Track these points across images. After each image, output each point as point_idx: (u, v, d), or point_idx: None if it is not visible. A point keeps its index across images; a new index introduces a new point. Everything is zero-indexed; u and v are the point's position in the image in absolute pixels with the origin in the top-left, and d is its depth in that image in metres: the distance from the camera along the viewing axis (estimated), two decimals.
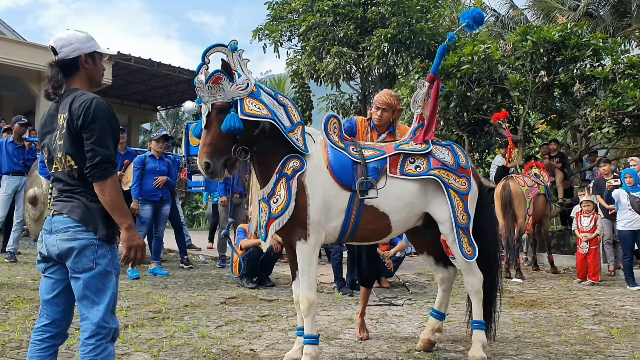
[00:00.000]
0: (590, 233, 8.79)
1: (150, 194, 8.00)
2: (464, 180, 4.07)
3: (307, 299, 3.77)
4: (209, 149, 3.63)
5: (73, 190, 2.66)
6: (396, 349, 4.52)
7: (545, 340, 4.92)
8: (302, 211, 3.73)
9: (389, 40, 12.27)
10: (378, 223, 3.94)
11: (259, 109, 3.67)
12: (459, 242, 3.98)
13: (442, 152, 4.12)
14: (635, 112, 10.40)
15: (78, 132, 2.57)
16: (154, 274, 7.92)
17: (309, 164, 3.83)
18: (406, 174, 3.97)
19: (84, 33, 2.81)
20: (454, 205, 3.96)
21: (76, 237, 2.57)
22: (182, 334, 4.77)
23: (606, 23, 21.08)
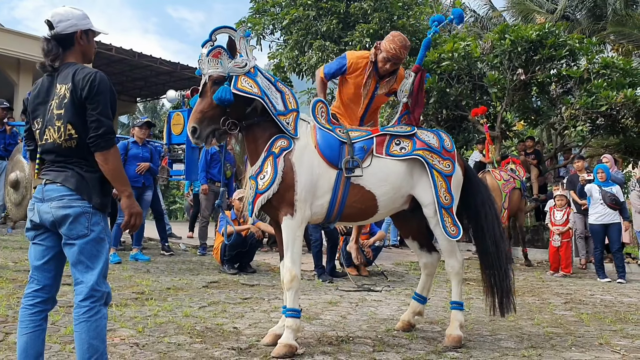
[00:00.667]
0: (563, 226, 9.03)
1: (132, 180, 8.01)
2: (448, 162, 4.22)
3: (290, 273, 3.89)
4: (199, 116, 3.83)
5: (66, 160, 2.74)
6: (375, 329, 4.66)
7: (519, 323, 5.10)
8: (290, 188, 3.87)
9: (371, 36, 12.42)
10: (365, 202, 4.09)
11: (250, 87, 3.86)
12: (442, 221, 4.12)
13: (428, 136, 4.29)
14: (609, 112, 10.70)
15: (82, 102, 2.67)
16: (136, 260, 7.97)
17: (298, 144, 3.98)
18: (391, 154, 4.12)
19: (80, 10, 2.90)
20: (436, 185, 4.11)
21: (71, 205, 2.67)
22: (166, 313, 4.86)
23: (582, 26, 21.52)
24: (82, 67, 2.75)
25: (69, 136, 2.70)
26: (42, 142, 2.80)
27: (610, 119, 11.14)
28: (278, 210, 3.94)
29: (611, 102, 10.48)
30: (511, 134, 14.08)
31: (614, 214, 8.42)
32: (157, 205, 9.23)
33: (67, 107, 2.69)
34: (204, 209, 9.29)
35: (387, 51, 4.44)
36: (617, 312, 5.79)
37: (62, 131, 2.70)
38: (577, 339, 4.53)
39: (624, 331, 4.86)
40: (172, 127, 9.29)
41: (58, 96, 2.73)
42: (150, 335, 4.14)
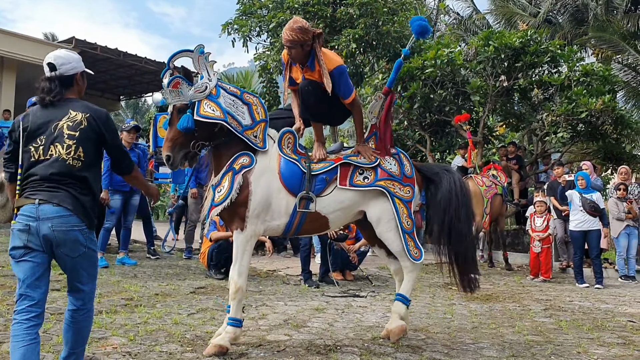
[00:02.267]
0: (543, 232, 9.23)
1: (120, 184, 8.06)
2: (409, 188, 4.44)
3: (235, 285, 4.17)
4: (170, 144, 4.10)
5: (61, 181, 2.97)
6: (362, 337, 4.77)
7: (500, 330, 5.26)
8: (242, 204, 4.11)
9: (356, 41, 12.55)
10: (318, 222, 4.35)
11: (213, 111, 4.04)
12: (406, 246, 4.37)
13: (390, 163, 4.46)
14: (588, 118, 10.95)
15: (99, 133, 3.10)
16: (122, 264, 8.01)
17: (260, 163, 4.20)
18: (355, 185, 4.32)
19: (76, 54, 3.28)
20: (399, 212, 4.34)
21: (72, 228, 2.95)
22: (155, 320, 4.93)
23: (564, 30, 21.87)
24: (90, 104, 3.19)
25: (77, 156, 3.01)
26: (44, 157, 2.99)
27: (590, 125, 11.42)
28: (230, 223, 4.20)
29: (591, 108, 10.74)
30: (493, 138, 14.31)
31: (594, 220, 8.63)
32: (145, 208, 9.27)
33: (83, 132, 3.04)
34: (191, 212, 9.35)
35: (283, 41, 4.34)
36: (595, 319, 5.97)
37: (72, 149, 3.00)
38: (556, 347, 4.68)
39: (600, 339, 5.03)
40: (157, 130, 9.35)
41: (72, 120, 3.06)
42: (141, 343, 4.21)
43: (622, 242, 9.41)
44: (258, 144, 4.19)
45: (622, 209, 9.37)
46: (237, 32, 14.40)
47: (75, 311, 3.10)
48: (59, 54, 3.18)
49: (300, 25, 4.15)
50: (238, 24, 14.38)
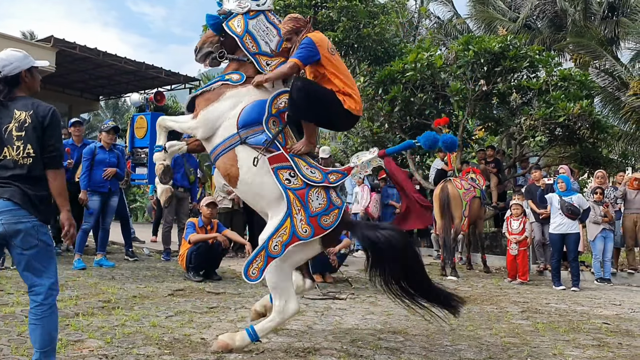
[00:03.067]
0: (519, 235, 9.31)
1: (98, 185, 7.99)
2: (307, 227, 4.13)
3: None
4: (204, 39, 4.60)
5: (11, 177, 3.12)
6: (340, 339, 4.78)
7: (478, 333, 5.30)
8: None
9: (337, 44, 12.57)
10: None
11: (237, 26, 4.41)
12: (250, 260, 4.13)
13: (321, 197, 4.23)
14: (566, 123, 11.10)
15: (43, 129, 3.17)
16: (100, 265, 7.93)
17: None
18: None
19: (21, 52, 3.34)
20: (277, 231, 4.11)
21: (22, 220, 3.09)
22: (133, 323, 4.88)
23: (543, 35, 22.17)
24: (39, 101, 3.26)
25: (27, 154, 3.14)
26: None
27: (567, 129, 11.56)
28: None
29: (568, 113, 10.88)
30: (472, 142, 14.43)
31: (572, 223, 8.73)
32: (123, 210, 9.20)
33: (28, 130, 3.15)
34: (166, 214, 9.29)
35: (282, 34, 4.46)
36: (571, 321, 6.05)
37: (20, 149, 3.14)
38: (533, 349, 4.74)
39: (576, 341, 5.10)
40: (135, 130, 9.27)
41: (17, 120, 3.17)
42: (118, 346, 4.17)
43: (598, 245, 9.54)
44: (263, 69, 4.40)
45: (599, 212, 9.51)
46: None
47: (36, 307, 3.15)
48: (1, 56, 3.25)
49: (292, 16, 4.40)
50: None
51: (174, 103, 21.97)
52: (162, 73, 18.08)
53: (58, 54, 15.20)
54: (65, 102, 20.39)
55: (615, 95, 18.58)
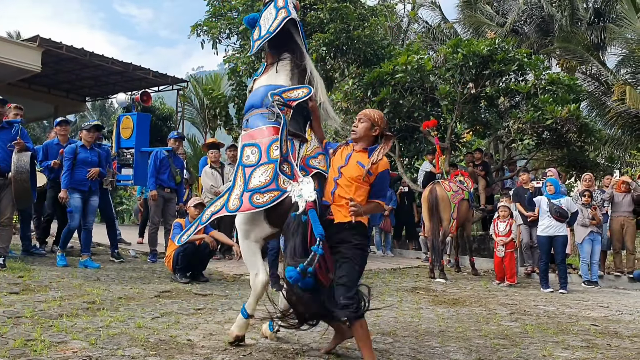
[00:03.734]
0: (506, 237, 9.32)
1: (79, 183, 7.90)
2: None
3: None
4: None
5: None
6: (328, 341, 4.70)
7: (467, 334, 5.27)
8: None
9: (327, 45, 12.53)
10: None
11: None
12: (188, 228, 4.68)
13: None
14: (554, 126, 11.14)
15: None
16: (85, 267, 7.82)
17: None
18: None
19: None
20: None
21: None
22: (118, 324, 4.80)
23: (530, 40, 22.31)
24: None
25: None
26: None
27: (555, 133, 11.61)
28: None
29: (556, 116, 10.92)
30: (460, 144, 14.46)
31: (560, 226, 8.74)
32: (109, 211, 9.09)
33: None
34: (152, 215, 9.19)
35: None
36: (559, 323, 6.04)
37: None
38: (522, 350, 4.72)
39: (565, 342, 5.09)
40: (121, 130, 9.18)
41: None
42: (103, 347, 4.08)
43: (586, 248, 9.58)
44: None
45: (587, 215, 9.54)
46: (207, 33, 14.25)
47: None
48: None
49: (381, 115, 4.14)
50: (207, 26, 14.22)
51: (162, 104, 21.80)
52: (150, 74, 17.97)
53: (44, 53, 15.05)
54: (51, 102, 20.20)
55: (601, 100, 18.72)
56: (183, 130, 19.76)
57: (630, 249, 10.20)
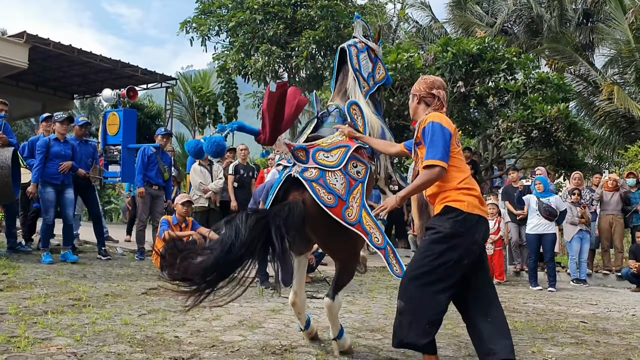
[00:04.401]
0: (495, 235, 9.34)
1: (52, 177, 7.84)
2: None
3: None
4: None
5: None
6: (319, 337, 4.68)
7: (456, 331, 5.25)
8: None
9: (317, 43, 12.51)
10: None
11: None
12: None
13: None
14: (543, 125, 11.17)
15: None
16: (65, 260, 7.82)
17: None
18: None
19: None
20: None
21: None
22: (104, 321, 4.73)
23: (520, 41, 22.42)
24: None
25: None
26: None
27: (544, 132, 11.65)
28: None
29: (545, 115, 10.96)
30: None
31: (549, 224, 8.77)
32: (95, 208, 9.00)
33: None
34: (140, 212, 9.11)
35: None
36: (548, 320, 6.04)
37: None
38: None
39: (554, 339, 5.08)
40: (107, 127, 9.09)
41: None
42: (88, 344, 4.02)
43: (574, 246, 9.61)
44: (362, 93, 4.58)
45: (576, 213, 9.57)
46: (196, 30, 14.21)
47: None
48: None
49: (427, 78, 3.92)
50: (197, 23, 14.19)
51: (150, 102, 21.68)
52: (139, 72, 17.85)
53: (31, 50, 14.90)
54: (38, 100, 20.03)
55: (589, 100, 18.85)
56: (172, 128, 19.65)
57: (618, 247, 10.26)
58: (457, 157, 3.54)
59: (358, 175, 3.95)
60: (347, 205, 3.79)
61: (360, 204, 3.86)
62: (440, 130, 3.45)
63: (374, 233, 3.87)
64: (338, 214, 3.72)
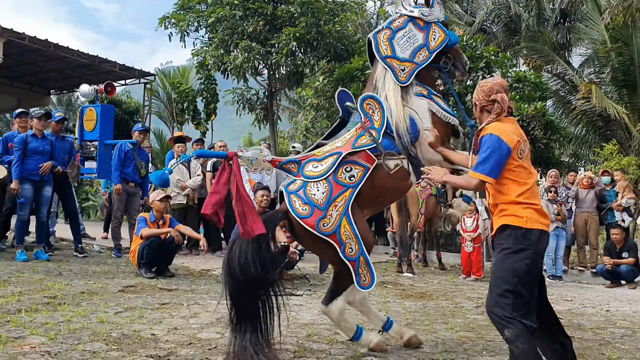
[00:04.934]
0: (474, 232, 9.42)
1: (30, 173, 7.75)
2: None
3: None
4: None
5: None
6: (296, 334, 4.69)
7: (434, 327, 5.29)
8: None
9: (297, 39, 12.48)
10: None
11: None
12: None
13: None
14: (520, 123, 11.26)
15: None
16: (37, 258, 7.72)
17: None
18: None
19: None
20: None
21: None
22: (80, 319, 4.68)
23: (498, 40, 22.60)
24: None
25: None
26: None
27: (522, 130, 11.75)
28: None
29: (523, 114, 11.06)
30: None
31: None
32: (72, 205, 8.90)
33: None
34: (116, 209, 9.03)
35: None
36: None
37: None
38: (488, 343, 4.75)
39: None
40: (84, 123, 8.99)
41: None
42: (63, 342, 3.97)
43: (550, 243, 9.69)
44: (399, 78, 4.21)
45: (552, 210, 9.68)
46: (175, 26, 14.07)
47: None
48: None
49: (486, 85, 3.52)
50: (175, 18, 14.05)
51: (129, 98, 21.45)
52: (117, 67, 17.64)
53: (6, 44, 14.63)
54: (13, 95, 19.69)
55: (566, 99, 19.08)
56: (150, 124, 19.48)
57: (593, 244, 10.40)
58: (516, 170, 3.32)
59: (350, 180, 3.95)
60: (324, 215, 3.82)
61: (342, 212, 3.87)
62: (497, 143, 3.25)
63: (350, 243, 3.88)
64: (311, 224, 3.81)
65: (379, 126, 4.11)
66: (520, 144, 3.33)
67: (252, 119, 15.70)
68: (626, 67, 16.44)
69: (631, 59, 16.15)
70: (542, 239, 3.30)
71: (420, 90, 4.31)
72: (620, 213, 10.15)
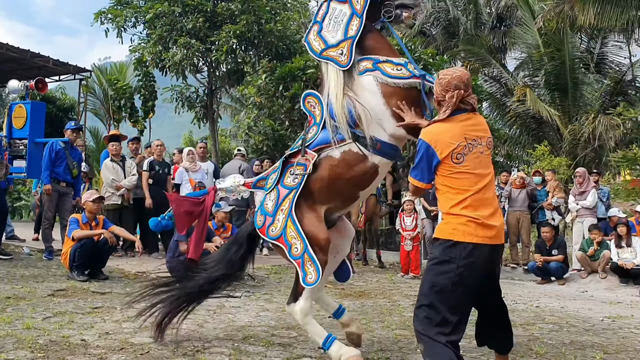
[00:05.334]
0: (413, 231, 9.58)
1: None
2: None
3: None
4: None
5: None
6: (233, 337, 4.64)
7: (371, 326, 5.35)
8: None
9: (237, 37, 12.37)
10: None
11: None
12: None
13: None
14: None
15: None
16: None
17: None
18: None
19: None
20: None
21: None
22: (4, 326, 4.48)
23: (437, 42, 23.07)
24: None
25: None
26: None
27: None
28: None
29: None
30: None
31: None
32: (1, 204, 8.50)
33: None
34: (46, 210, 8.71)
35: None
36: None
37: None
38: None
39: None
40: (13, 120, 8.64)
41: None
42: None
43: None
44: (341, 63, 3.93)
45: None
46: (111, 21, 13.69)
47: None
48: None
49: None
50: (112, 14, 13.67)
51: (63, 95, 20.71)
52: (50, 62, 16.99)
53: None
54: None
55: (501, 101, 19.64)
56: (86, 122, 18.89)
57: (525, 242, 10.76)
58: (453, 177, 3.17)
59: (294, 181, 4.01)
60: (272, 221, 4.01)
61: (287, 214, 3.96)
62: (424, 149, 3.21)
63: (295, 243, 3.92)
64: (263, 232, 4.04)
65: (319, 121, 4.07)
66: (463, 148, 3.17)
67: (192, 117, 15.45)
68: (558, 71, 17.03)
69: (563, 63, 16.75)
70: (475, 253, 3.07)
71: (365, 65, 3.96)
72: (551, 212, 10.53)
